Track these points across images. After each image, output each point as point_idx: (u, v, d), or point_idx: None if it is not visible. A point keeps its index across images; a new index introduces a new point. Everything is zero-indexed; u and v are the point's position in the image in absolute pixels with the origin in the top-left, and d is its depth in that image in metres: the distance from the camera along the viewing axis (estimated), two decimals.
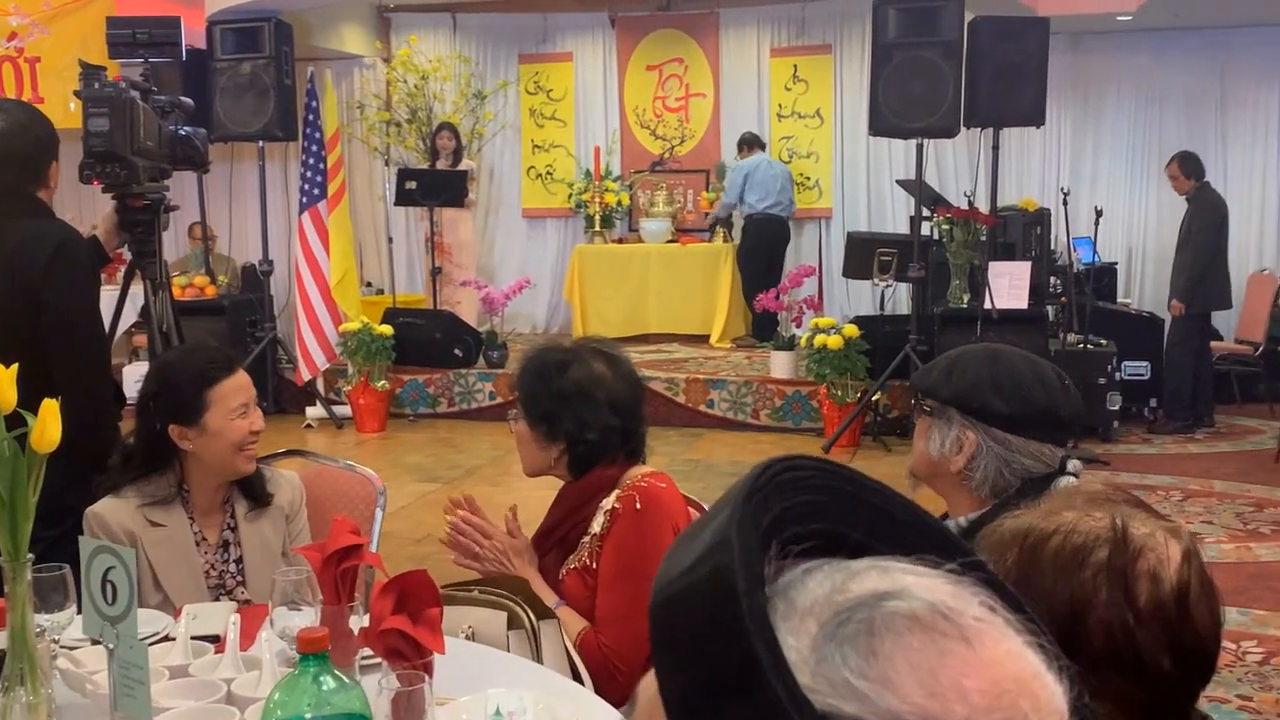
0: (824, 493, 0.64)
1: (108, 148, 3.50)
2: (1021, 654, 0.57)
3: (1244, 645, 4.43)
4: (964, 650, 0.55)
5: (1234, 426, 8.30)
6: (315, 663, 1.32)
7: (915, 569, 0.59)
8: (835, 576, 0.59)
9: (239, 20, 8.68)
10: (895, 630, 0.55)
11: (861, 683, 0.54)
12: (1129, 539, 1.22)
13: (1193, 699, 1.27)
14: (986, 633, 0.57)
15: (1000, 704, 0.54)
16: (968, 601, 0.58)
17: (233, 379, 2.54)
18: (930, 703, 0.53)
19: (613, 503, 2.36)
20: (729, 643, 0.54)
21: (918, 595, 0.57)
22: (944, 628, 0.56)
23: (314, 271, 8.52)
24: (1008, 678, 0.55)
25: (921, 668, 0.54)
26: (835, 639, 0.55)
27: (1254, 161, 9.92)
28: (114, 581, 1.54)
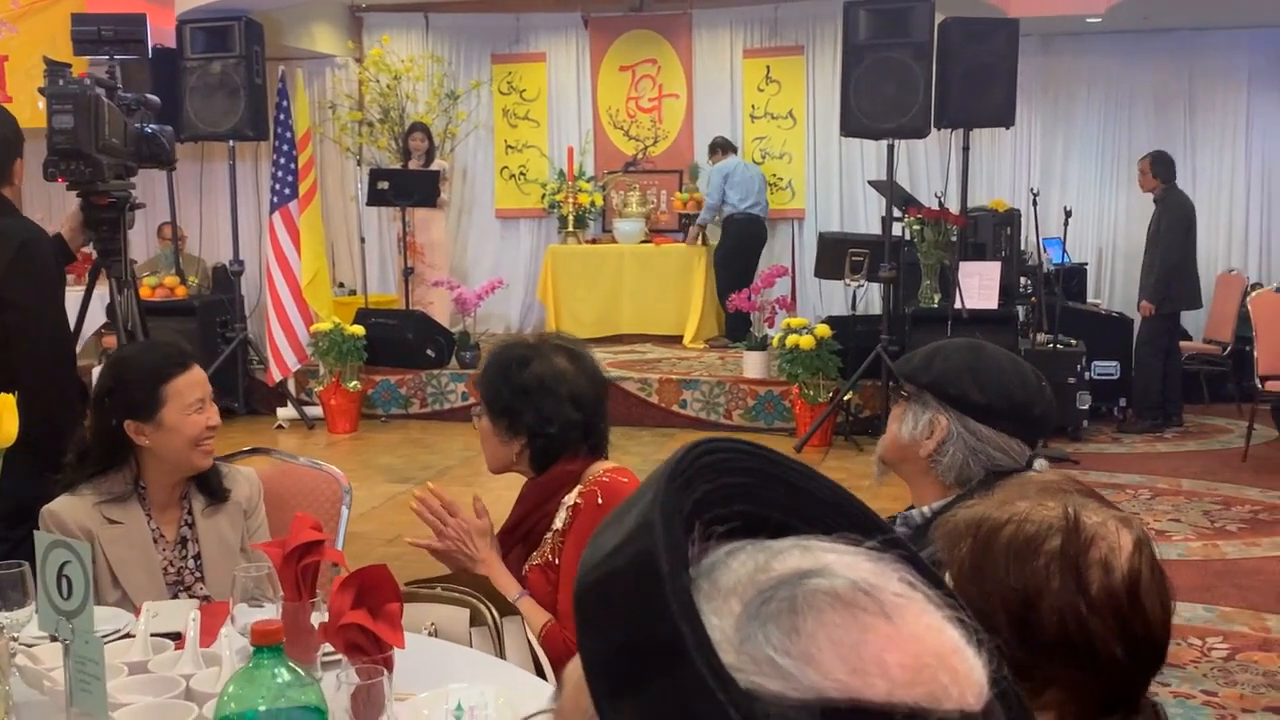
0: (746, 474, 0.64)
1: (72, 145, 3.48)
2: (941, 629, 0.58)
3: (1210, 641, 4.46)
4: (885, 626, 0.56)
5: (1202, 426, 8.36)
6: (270, 655, 1.32)
7: (836, 547, 0.60)
8: (758, 556, 0.59)
9: (209, 19, 8.63)
10: (817, 607, 0.56)
11: (785, 660, 0.54)
12: (1081, 528, 1.24)
13: (1143, 687, 1.28)
14: (907, 608, 0.57)
15: (920, 678, 0.55)
16: (888, 578, 0.58)
17: (188, 374, 2.53)
18: (852, 678, 0.54)
19: (575, 498, 2.36)
20: (653, 624, 0.54)
21: (839, 573, 0.58)
22: (865, 604, 0.56)
23: (285, 271, 8.49)
24: (928, 652, 0.56)
25: (843, 644, 0.55)
26: (758, 618, 0.56)
27: (1222, 163, 10.00)
28: (69, 576, 1.53)
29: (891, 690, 0.54)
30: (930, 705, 0.54)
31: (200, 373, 2.58)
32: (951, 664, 0.56)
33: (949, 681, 0.56)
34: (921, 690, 0.54)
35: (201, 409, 2.52)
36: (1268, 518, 6.13)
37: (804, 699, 0.53)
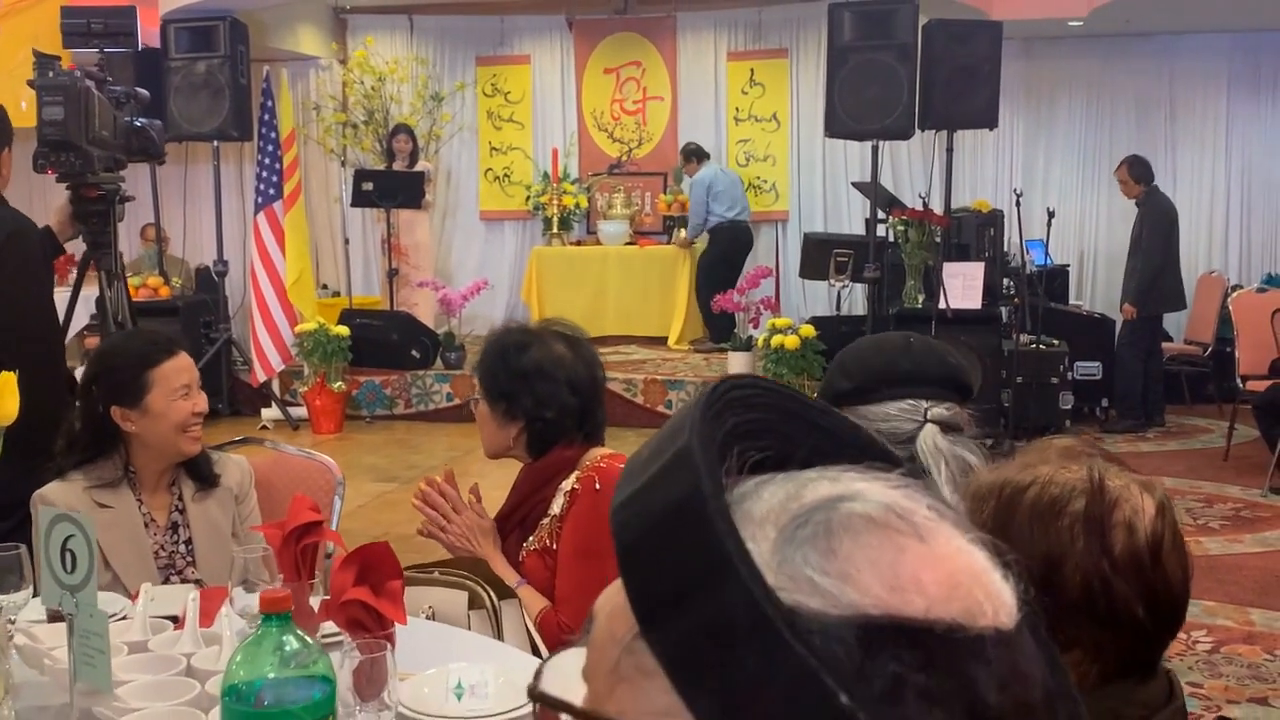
0: (770, 410, 0.66)
1: (62, 136, 3.47)
2: (971, 550, 0.59)
3: (1194, 635, 4.50)
4: (919, 546, 0.57)
5: (1184, 426, 8.42)
6: (278, 623, 1.32)
7: (864, 475, 0.61)
8: (788, 485, 0.60)
9: (193, 19, 8.61)
10: (853, 530, 0.57)
11: (824, 579, 0.55)
12: (1105, 490, 1.25)
13: (1160, 650, 1.30)
14: (939, 530, 0.58)
15: (956, 594, 0.56)
16: (918, 502, 0.59)
17: (174, 360, 2.54)
18: (890, 596, 0.54)
19: (572, 484, 2.37)
20: (697, 544, 0.55)
21: (871, 497, 0.59)
22: (899, 525, 0.57)
23: (269, 272, 8.47)
24: (961, 570, 0.57)
25: (880, 563, 0.55)
26: (794, 541, 0.57)
27: (1202, 165, 10.08)
28: (73, 550, 1.53)
29: (930, 606, 0.55)
30: (967, 621, 0.55)
31: (186, 359, 2.58)
32: (984, 582, 0.57)
33: (984, 598, 0.57)
34: (958, 606, 0.55)
35: (187, 395, 2.53)
36: (1249, 515, 6.17)
37: (844, 615, 0.54)
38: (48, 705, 1.82)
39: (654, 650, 0.57)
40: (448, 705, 1.81)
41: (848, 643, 0.53)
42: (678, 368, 8.98)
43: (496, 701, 1.82)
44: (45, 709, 1.82)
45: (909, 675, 0.53)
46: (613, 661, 0.60)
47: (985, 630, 0.56)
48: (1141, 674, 1.29)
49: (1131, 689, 1.28)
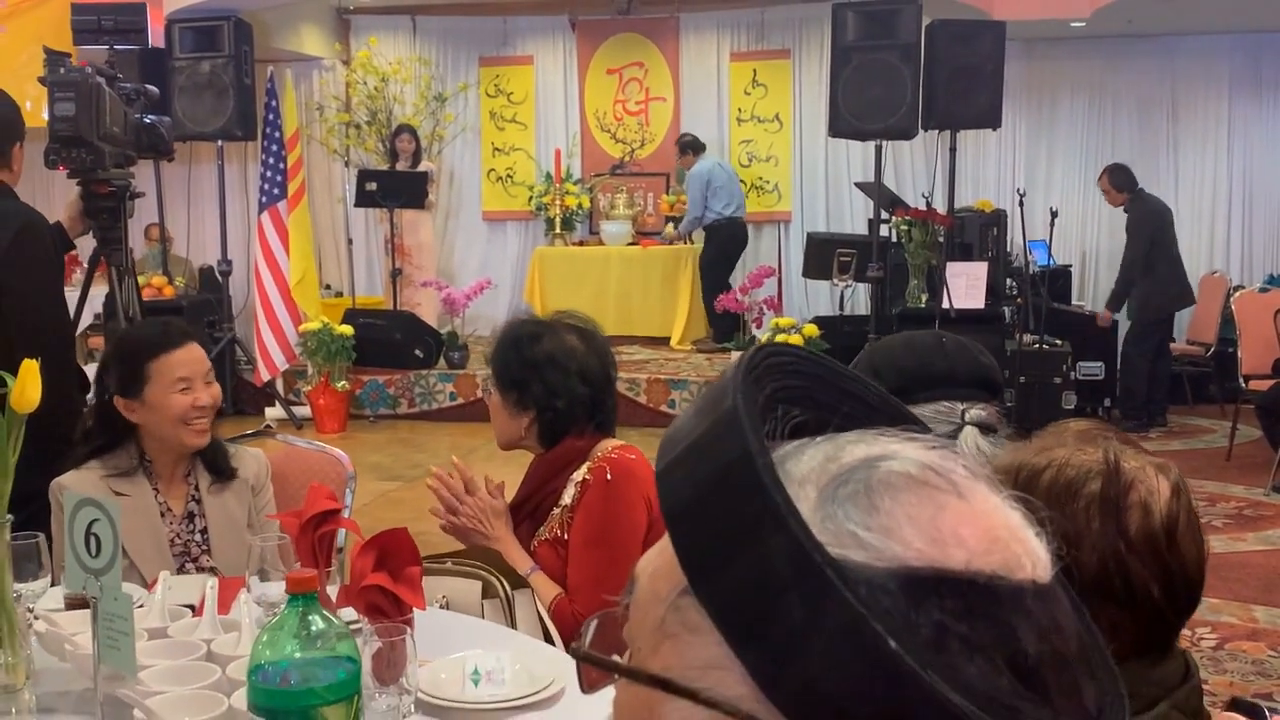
0: (806, 378, 0.67)
1: (73, 132, 3.49)
2: (1007, 507, 0.61)
3: (1199, 632, 4.52)
4: (957, 503, 0.58)
5: (1186, 426, 8.43)
6: (303, 603, 1.33)
7: (900, 437, 0.63)
8: (826, 447, 0.62)
9: (198, 19, 8.62)
10: (893, 487, 0.58)
11: (867, 534, 0.56)
12: (1121, 472, 1.27)
13: (1176, 630, 1.31)
14: (976, 488, 0.60)
15: (995, 547, 0.57)
16: (954, 462, 0.61)
17: (178, 352, 2.53)
18: (931, 548, 0.56)
19: (583, 474, 2.39)
20: (745, 499, 0.56)
21: (908, 456, 0.60)
22: (937, 483, 0.59)
23: (273, 271, 8.48)
24: (1000, 525, 0.59)
25: (920, 518, 0.57)
26: (835, 499, 0.58)
27: (1204, 166, 10.10)
28: (98, 534, 1.54)
29: (970, 559, 0.56)
30: (1006, 574, 0.57)
31: (193, 351, 2.56)
32: (1021, 537, 0.59)
33: (1021, 552, 0.58)
34: (998, 559, 0.57)
35: (187, 388, 2.50)
36: (1252, 514, 6.19)
37: (889, 567, 0.55)
38: (68, 691, 1.84)
39: (704, 604, 0.58)
40: (465, 691, 1.83)
41: (893, 593, 0.54)
42: (680, 368, 8.99)
43: (513, 687, 1.84)
44: (66, 694, 1.83)
45: (952, 624, 0.54)
46: (658, 619, 0.61)
47: (1024, 583, 0.57)
48: (1157, 654, 1.30)
49: (1148, 668, 1.29)
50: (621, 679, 0.65)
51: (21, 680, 1.78)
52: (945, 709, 0.51)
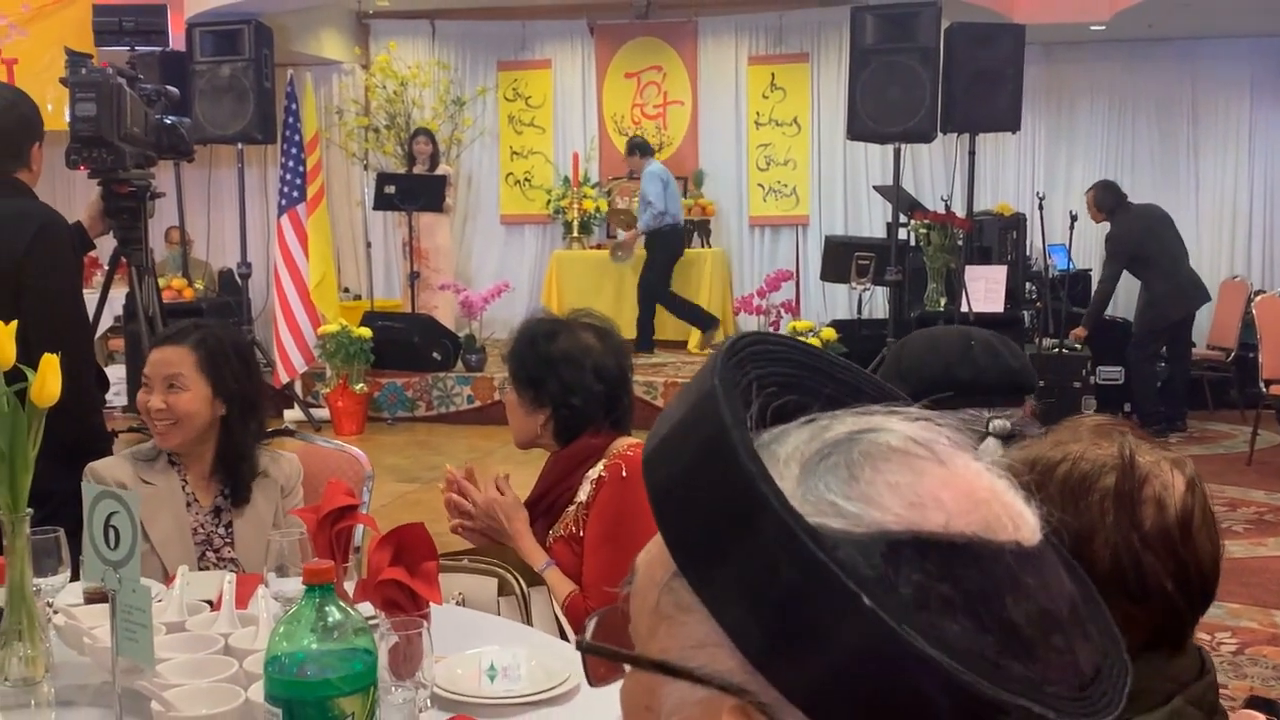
0: (792, 365, 0.68)
1: (94, 132, 3.50)
2: (991, 474, 0.61)
3: (1219, 636, 4.49)
4: (938, 469, 0.59)
5: (1207, 431, 8.38)
6: (320, 594, 1.34)
7: (884, 411, 0.63)
8: (811, 427, 0.63)
9: (218, 22, 8.66)
10: (873, 457, 0.59)
11: (846, 503, 0.57)
12: (1135, 466, 1.26)
13: (1191, 625, 1.30)
14: (958, 455, 0.61)
15: (977, 510, 0.58)
16: (938, 433, 0.62)
17: (154, 351, 2.56)
18: (910, 511, 0.56)
19: (599, 471, 2.39)
20: (720, 470, 0.57)
21: (892, 428, 0.61)
22: (918, 451, 0.60)
23: (292, 274, 8.52)
24: (981, 488, 0.59)
25: (900, 485, 0.58)
26: (816, 473, 0.59)
27: (1225, 170, 10.05)
28: (116, 526, 1.55)
29: (949, 520, 0.57)
30: (987, 535, 0.57)
31: (162, 354, 2.54)
32: (1005, 500, 0.60)
33: (1003, 514, 0.59)
34: (978, 518, 0.57)
35: (147, 387, 2.51)
36: (1273, 519, 6.16)
37: (868, 532, 0.56)
38: (87, 684, 1.85)
39: (689, 579, 0.59)
40: (481, 686, 1.83)
41: (871, 556, 0.55)
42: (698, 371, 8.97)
43: (529, 683, 1.84)
44: (85, 688, 1.84)
45: (932, 584, 0.55)
46: (653, 603, 0.63)
47: (1006, 543, 0.58)
48: (1171, 648, 1.30)
49: (1162, 663, 1.29)
50: (629, 669, 0.65)
51: (41, 673, 1.79)
52: (924, 663, 0.52)
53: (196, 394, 2.51)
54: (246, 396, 2.59)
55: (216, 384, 2.53)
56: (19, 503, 1.76)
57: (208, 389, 2.53)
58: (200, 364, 2.53)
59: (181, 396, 2.50)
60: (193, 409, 2.50)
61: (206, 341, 2.56)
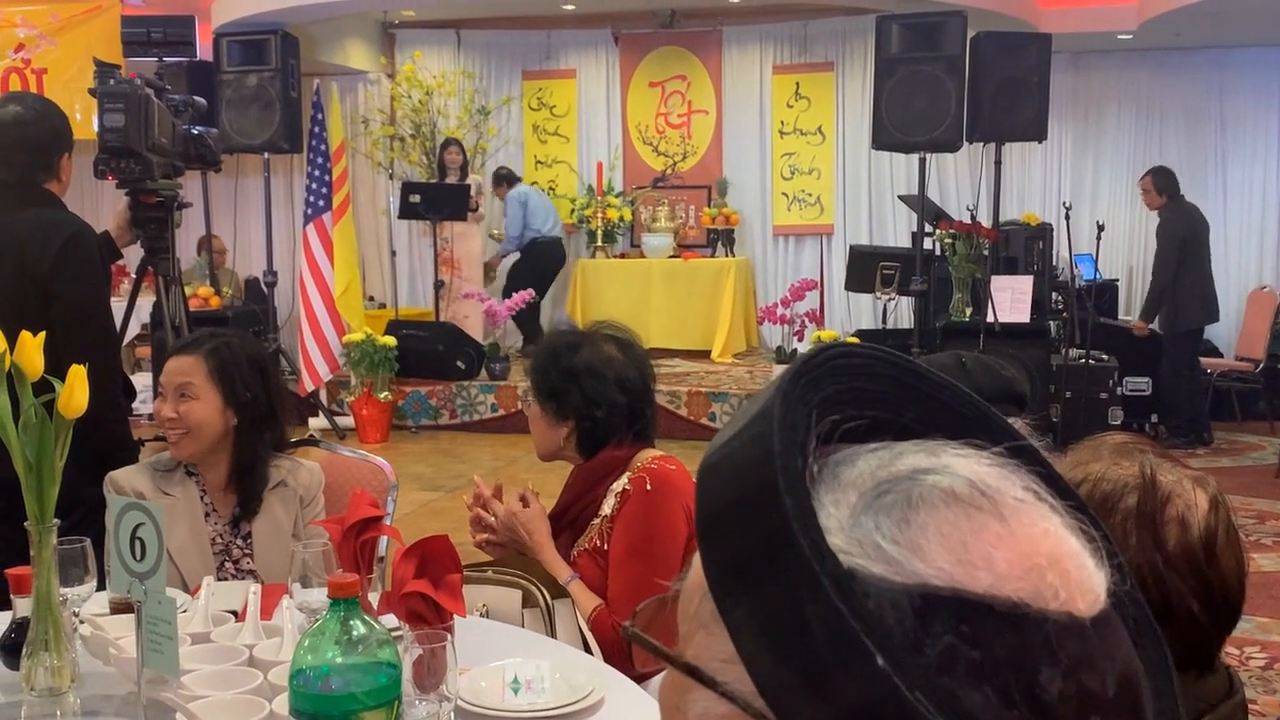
0: (882, 381, 0.64)
1: (122, 143, 3.53)
2: (1060, 535, 0.58)
3: (1248, 651, 4.45)
4: (998, 525, 0.56)
5: (1235, 443, 8.31)
6: (345, 607, 1.34)
7: (962, 450, 0.60)
8: (882, 454, 0.60)
9: (245, 33, 8.71)
10: (931, 503, 0.56)
11: (892, 547, 0.54)
12: (1158, 486, 1.25)
13: (1219, 645, 1.29)
14: (1025, 511, 0.57)
15: (1027, 575, 0.55)
16: (1010, 482, 0.58)
17: (170, 360, 2.56)
18: (956, 569, 0.54)
19: (624, 484, 2.38)
20: (761, 500, 0.55)
21: (959, 472, 0.58)
22: (980, 503, 0.56)
23: (318, 282, 8.55)
24: (1039, 553, 0.56)
25: (952, 538, 0.55)
26: (872, 508, 0.56)
27: (1253, 179, 9.97)
28: (143, 538, 1.55)
29: (994, 584, 0.54)
30: (1032, 602, 0.54)
31: (177, 363, 2.54)
32: (1064, 567, 0.56)
33: (1058, 583, 0.55)
34: (1025, 586, 0.54)
35: (161, 395, 2.52)
36: None
37: (906, 584, 0.54)
38: (112, 694, 1.85)
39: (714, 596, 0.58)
40: (505, 699, 1.83)
41: (903, 610, 0.53)
42: (721, 380, 8.97)
43: (552, 697, 1.83)
44: (110, 698, 1.85)
45: (962, 648, 0.52)
46: (694, 607, 0.61)
47: (1054, 614, 0.54)
48: (1199, 669, 1.28)
49: (1189, 683, 1.27)
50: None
51: (67, 683, 1.80)
52: None
53: (207, 403, 2.51)
54: (259, 407, 2.57)
55: (228, 394, 2.52)
56: (46, 513, 1.76)
57: (219, 399, 2.51)
58: (211, 373, 2.51)
59: (192, 406, 2.49)
60: (203, 418, 2.50)
61: (219, 351, 2.55)
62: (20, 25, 9.07)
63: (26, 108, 3.10)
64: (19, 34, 9.08)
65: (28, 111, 3.08)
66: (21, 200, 3.09)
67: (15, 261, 3.02)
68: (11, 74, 9.11)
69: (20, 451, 1.77)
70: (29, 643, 1.78)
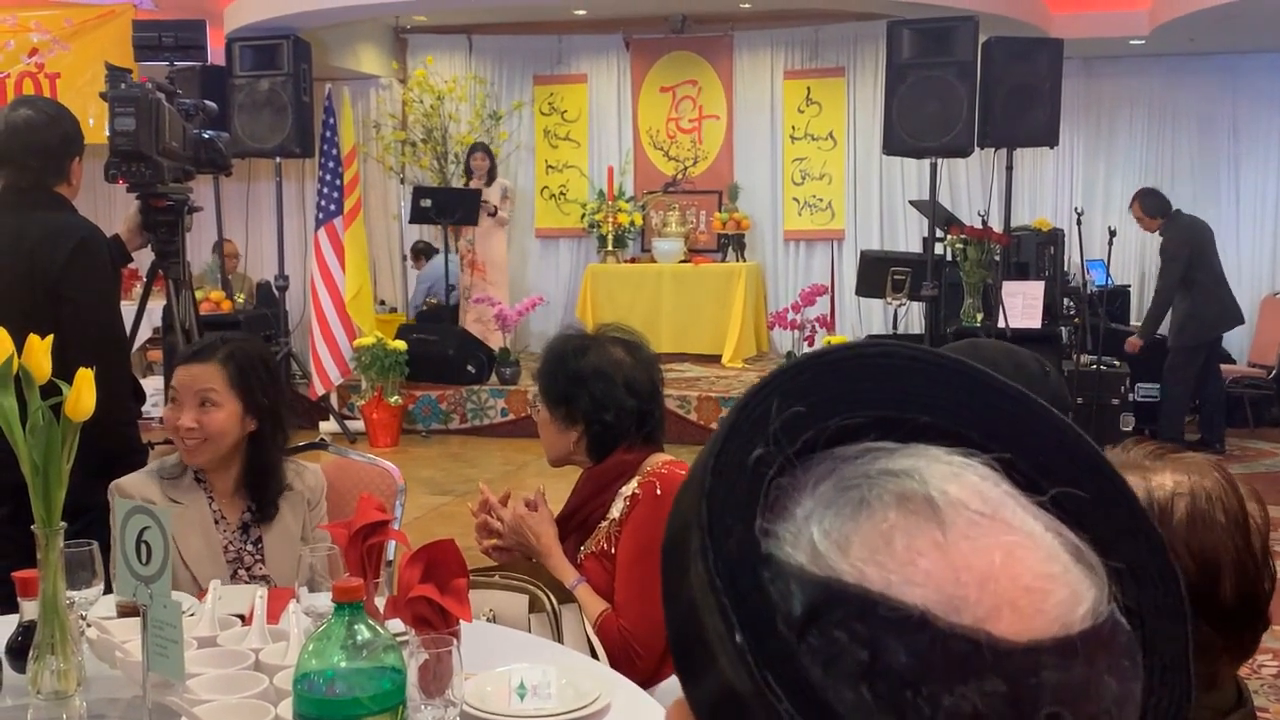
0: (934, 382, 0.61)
1: (133, 147, 3.54)
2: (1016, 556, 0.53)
3: (1260, 659, 4.42)
4: (936, 534, 0.53)
5: (1247, 449, 8.27)
6: (350, 612, 1.33)
7: (950, 458, 0.57)
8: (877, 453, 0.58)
9: (257, 37, 8.74)
10: (882, 504, 0.54)
11: (823, 541, 0.53)
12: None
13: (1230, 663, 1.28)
14: (978, 527, 0.54)
15: (943, 587, 0.51)
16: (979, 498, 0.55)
17: (183, 367, 2.55)
18: (869, 568, 0.52)
19: (633, 488, 2.38)
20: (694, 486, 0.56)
21: (928, 480, 0.55)
22: (925, 512, 0.54)
23: (329, 286, 8.57)
24: (970, 568, 0.52)
25: (879, 539, 0.53)
26: (833, 503, 0.55)
27: (1267, 185, 9.93)
28: (149, 542, 1.55)
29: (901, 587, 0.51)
30: (939, 613, 0.51)
31: (191, 370, 2.52)
32: (999, 587, 0.52)
33: (977, 599, 0.51)
34: (936, 596, 0.51)
35: (175, 403, 2.50)
36: None
37: (817, 575, 0.52)
38: (118, 698, 1.85)
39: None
40: (511, 705, 1.82)
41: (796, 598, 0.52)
42: (732, 385, 8.96)
43: (559, 702, 1.83)
44: (116, 701, 1.84)
45: (850, 645, 0.50)
46: None
47: (963, 629, 0.51)
48: (1207, 681, 1.28)
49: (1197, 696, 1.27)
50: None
51: (73, 687, 1.80)
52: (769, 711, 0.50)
53: (229, 411, 2.50)
54: (275, 411, 2.57)
55: (247, 400, 2.52)
56: (53, 517, 1.76)
57: (239, 406, 2.51)
58: (231, 380, 2.51)
59: (214, 414, 2.48)
60: (225, 427, 2.49)
61: (235, 356, 2.54)
62: (34, 30, 9.11)
63: (38, 111, 3.11)
64: (33, 39, 9.12)
65: (39, 115, 3.09)
66: (32, 203, 3.10)
67: (25, 264, 3.03)
68: (25, 78, 9.14)
69: (27, 454, 1.77)
70: (35, 646, 1.78)
